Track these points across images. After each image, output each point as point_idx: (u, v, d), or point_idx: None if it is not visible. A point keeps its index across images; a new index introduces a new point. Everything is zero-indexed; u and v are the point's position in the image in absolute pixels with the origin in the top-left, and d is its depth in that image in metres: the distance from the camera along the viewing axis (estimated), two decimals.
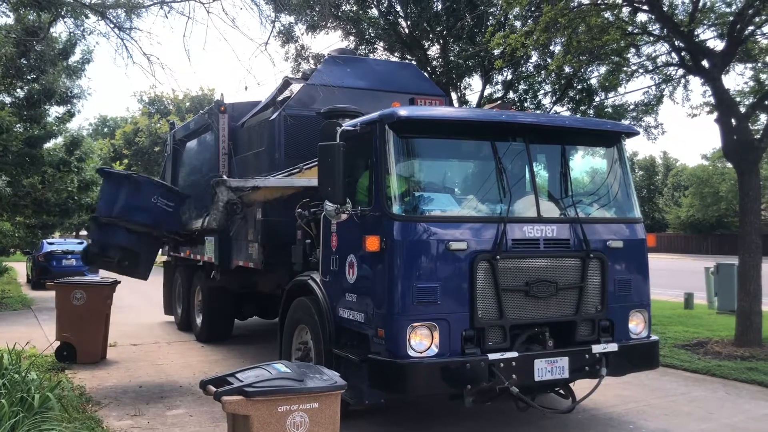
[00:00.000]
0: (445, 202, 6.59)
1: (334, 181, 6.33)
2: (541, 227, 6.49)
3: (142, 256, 9.35)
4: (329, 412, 4.54)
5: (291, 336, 7.75)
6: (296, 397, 4.40)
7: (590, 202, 7.01)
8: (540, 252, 6.48)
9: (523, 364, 6.21)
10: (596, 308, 6.69)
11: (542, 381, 6.36)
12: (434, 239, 6.12)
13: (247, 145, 10.04)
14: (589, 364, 6.53)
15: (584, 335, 6.64)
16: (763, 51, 12.40)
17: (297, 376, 4.54)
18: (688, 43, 11.59)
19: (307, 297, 7.43)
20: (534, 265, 6.43)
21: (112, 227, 9.03)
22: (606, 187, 7.17)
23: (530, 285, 6.35)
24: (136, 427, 7.06)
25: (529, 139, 6.70)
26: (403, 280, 6.02)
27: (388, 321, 6.05)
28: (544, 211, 6.58)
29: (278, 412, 4.34)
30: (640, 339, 6.96)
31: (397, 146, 6.36)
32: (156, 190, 9.34)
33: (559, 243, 6.57)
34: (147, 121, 43.46)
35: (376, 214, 6.24)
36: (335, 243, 6.99)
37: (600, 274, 6.70)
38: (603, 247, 6.74)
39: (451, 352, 6.09)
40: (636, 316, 6.97)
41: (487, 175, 6.64)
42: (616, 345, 6.67)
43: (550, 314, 6.49)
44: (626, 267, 6.93)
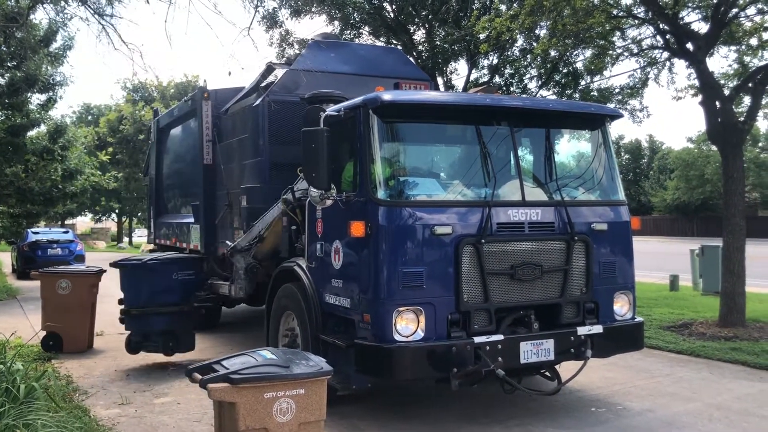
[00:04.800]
0: (430, 187, 6.60)
1: (318, 166, 6.32)
2: (526, 211, 6.51)
3: (181, 331, 9.42)
4: (316, 398, 4.55)
5: (278, 323, 7.76)
6: (282, 383, 4.41)
7: (575, 185, 7.03)
8: (525, 235, 6.50)
9: (508, 346, 6.25)
10: (581, 290, 6.73)
11: (528, 363, 6.40)
12: (419, 224, 6.13)
13: (232, 131, 9.99)
14: (575, 346, 6.58)
15: (569, 317, 6.68)
16: (746, 33, 12.39)
17: (283, 362, 4.55)
18: (673, 26, 11.61)
19: (293, 283, 7.43)
20: (519, 248, 6.46)
21: (145, 316, 9.16)
22: (590, 170, 7.20)
23: (515, 268, 6.37)
24: (123, 416, 7.05)
25: (513, 123, 6.71)
26: (388, 265, 6.03)
27: (374, 306, 6.06)
28: (528, 195, 6.60)
29: (264, 399, 4.35)
30: (624, 321, 7.02)
31: (382, 131, 6.35)
32: (174, 267, 9.42)
33: (543, 226, 6.59)
34: (131, 108, 43.22)
35: (361, 200, 6.24)
36: (320, 229, 6.99)
37: (585, 256, 6.74)
38: (587, 230, 6.77)
39: (437, 336, 6.11)
40: (621, 298, 7.02)
41: (471, 159, 6.66)
42: (601, 327, 6.72)
43: (535, 297, 6.52)
44: (611, 249, 6.97)
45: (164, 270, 9.32)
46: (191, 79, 46.09)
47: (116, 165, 43.24)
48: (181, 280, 9.33)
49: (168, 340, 9.21)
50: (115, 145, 42.90)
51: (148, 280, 9.21)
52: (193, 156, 11.03)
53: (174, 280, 9.27)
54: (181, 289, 9.33)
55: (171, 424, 6.78)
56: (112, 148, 42.15)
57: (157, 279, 9.21)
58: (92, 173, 28.58)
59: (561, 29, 12.09)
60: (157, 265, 9.34)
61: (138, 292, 9.20)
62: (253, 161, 9.08)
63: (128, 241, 56.82)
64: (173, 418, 6.99)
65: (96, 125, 46.97)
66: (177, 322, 9.31)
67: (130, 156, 43.46)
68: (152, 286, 9.17)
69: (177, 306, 9.26)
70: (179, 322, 9.34)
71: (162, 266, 9.35)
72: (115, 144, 42.96)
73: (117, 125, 43.24)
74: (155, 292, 9.15)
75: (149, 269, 9.28)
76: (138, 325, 9.25)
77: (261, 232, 8.47)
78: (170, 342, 9.22)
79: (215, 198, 10.40)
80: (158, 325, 9.19)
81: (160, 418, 6.96)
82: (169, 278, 9.25)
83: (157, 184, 13.48)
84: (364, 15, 19.97)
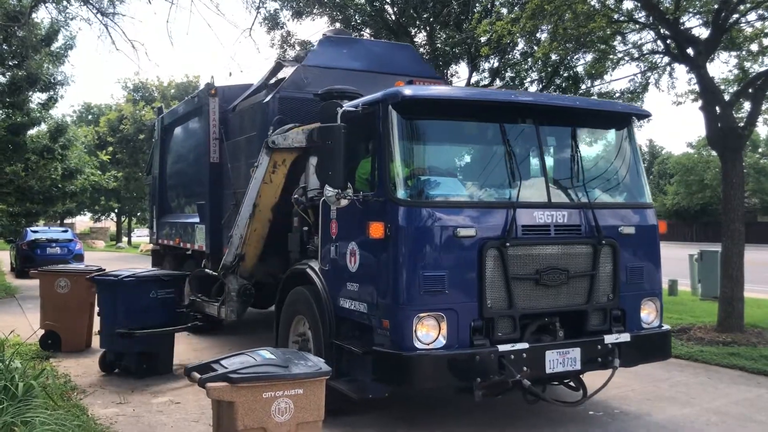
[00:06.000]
0: (451, 187, 6.18)
1: (335, 164, 5.90)
2: (552, 213, 6.10)
3: (161, 354, 8.63)
4: (314, 398, 4.46)
5: (288, 327, 7.33)
6: (281, 383, 4.34)
7: (601, 186, 6.61)
8: (551, 239, 6.09)
9: (534, 355, 5.83)
10: (608, 297, 6.32)
11: (553, 373, 6.00)
12: (441, 225, 5.71)
13: (239, 129, 9.55)
14: (602, 355, 6.16)
15: (596, 325, 6.28)
16: (747, 39, 12.25)
17: (282, 362, 4.48)
18: (674, 31, 11.43)
19: (305, 286, 7.01)
20: (544, 252, 6.05)
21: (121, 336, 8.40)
22: (617, 171, 6.78)
23: (541, 273, 5.96)
24: (121, 415, 6.85)
25: (538, 121, 6.29)
26: (408, 269, 5.62)
27: (394, 311, 5.64)
28: (554, 196, 6.19)
29: (263, 399, 4.27)
30: (652, 328, 6.61)
31: (402, 127, 5.93)
32: (153, 284, 8.59)
33: (570, 229, 6.18)
34: (132, 108, 42.72)
35: (380, 200, 5.82)
36: (335, 230, 6.56)
37: (612, 261, 6.33)
38: (615, 234, 6.36)
39: (459, 344, 5.69)
40: (648, 304, 6.61)
41: (495, 158, 6.23)
42: (629, 335, 6.31)
43: (560, 303, 6.11)
44: (638, 254, 6.56)
45: (141, 288, 8.49)
46: (192, 80, 45.55)
47: (116, 165, 42.87)
48: (160, 299, 8.55)
49: (143, 362, 8.43)
50: (115, 144, 42.45)
51: (124, 297, 8.43)
52: (198, 154, 10.58)
53: (152, 299, 8.48)
54: (160, 308, 8.54)
55: (169, 424, 6.60)
56: (112, 148, 41.77)
57: (134, 297, 8.42)
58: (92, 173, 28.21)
59: (562, 33, 11.92)
60: (133, 282, 8.49)
61: (114, 310, 8.46)
62: None
63: (127, 240, 56.27)
64: (171, 417, 6.81)
65: (96, 125, 46.48)
66: (156, 344, 8.53)
67: (130, 156, 43.00)
68: (129, 305, 8.40)
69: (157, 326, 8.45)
70: (158, 344, 8.55)
71: (138, 284, 8.51)
72: (115, 144, 42.50)
73: (117, 125, 42.75)
74: (132, 311, 8.38)
75: (125, 286, 8.46)
76: (113, 344, 8.55)
77: (237, 249, 8.05)
78: (144, 364, 8.43)
79: (222, 197, 9.96)
80: (135, 347, 8.41)
81: (157, 418, 6.79)
82: (147, 297, 8.45)
83: (160, 183, 13.00)
84: (365, 17, 19.64)
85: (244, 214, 7.99)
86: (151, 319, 8.44)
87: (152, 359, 8.53)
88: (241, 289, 8.27)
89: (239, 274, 8.32)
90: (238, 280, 8.30)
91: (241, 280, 8.26)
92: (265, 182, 7.77)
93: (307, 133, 7.54)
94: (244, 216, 8.00)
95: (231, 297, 8.33)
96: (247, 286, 8.49)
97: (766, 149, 56.50)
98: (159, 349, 8.58)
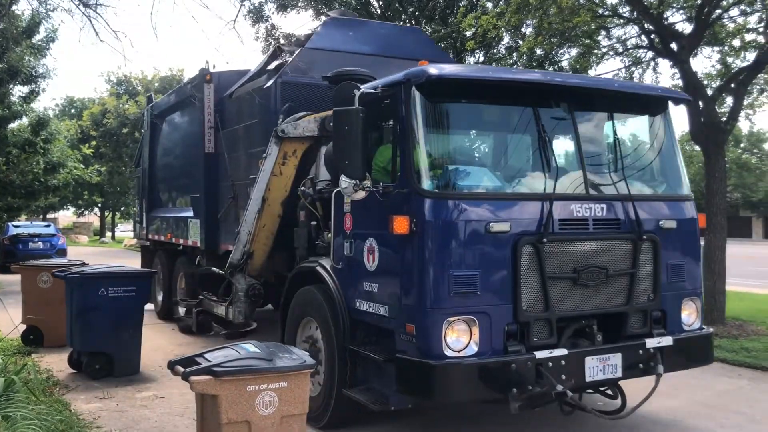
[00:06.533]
0: (481, 177, 5.56)
1: (353, 152, 5.28)
2: (590, 205, 5.51)
3: (119, 356, 7.96)
4: (298, 391, 4.41)
5: (295, 330, 6.70)
6: (265, 376, 4.29)
7: (639, 177, 6.02)
8: (589, 234, 5.50)
9: (573, 362, 5.25)
10: (648, 297, 5.74)
11: (593, 381, 5.43)
12: (472, 220, 5.10)
13: (237, 117, 8.88)
14: (643, 361, 5.59)
15: (636, 328, 5.69)
16: (729, 34, 12.41)
17: (266, 355, 4.42)
18: (657, 26, 11.52)
19: (315, 286, 6.39)
20: (582, 249, 5.45)
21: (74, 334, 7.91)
22: (655, 160, 6.21)
23: (578, 272, 5.37)
24: (104, 410, 6.68)
25: (574, 104, 5.69)
26: (437, 268, 5.01)
27: (420, 315, 5.03)
28: (592, 187, 5.61)
29: (247, 392, 4.23)
30: (693, 331, 6.05)
31: (427, 111, 5.31)
32: (102, 282, 7.86)
33: (609, 223, 5.59)
34: (115, 101, 41.73)
35: (404, 191, 5.19)
36: (350, 225, 5.94)
37: (652, 258, 5.74)
38: (655, 228, 5.78)
39: (493, 351, 5.09)
40: (688, 305, 6.04)
41: (527, 145, 5.64)
42: (671, 338, 5.76)
43: (599, 305, 5.52)
44: (679, 250, 5.98)
45: (87, 285, 7.84)
46: (176, 73, 44.58)
47: (99, 159, 41.93)
48: (111, 297, 7.84)
49: (96, 363, 7.86)
50: (99, 138, 41.44)
51: (76, 295, 7.88)
52: (192, 144, 9.91)
53: (101, 297, 7.78)
54: (111, 307, 7.82)
55: (153, 418, 6.45)
56: (96, 142, 40.80)
57: (81, 295, 7.83)
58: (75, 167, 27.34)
59: (547, 28, 12.01)
60: (77, 279, 7.88)
61: (69, 308, 7.99)
62: (262, 150, 8.00)
63: (111, 235, 55.26)
64: (155, 412, 6.66)
65: (79, 118, 45.42)
66: (110, 345, 7.87)
67: (114, 150, 42.03)
68: (78, 302, 7.83)
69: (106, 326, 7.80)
70: (113, 345, 7.88)
71: (83, 281, 7.87)
72: (98, 137, 41.48)
73: (100, 119, 41.72)
74: (81, 309, 7.81)
75: (70, 283, 7.91)
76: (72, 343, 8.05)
77: (245, 247, 7.41)
78: (97, 364, 7.85)
79: (218, 190, 9.30)
80: (85, 346, 7.90)
81: (141, 412, 6.64)
82: (95, 295, 7.77)
83: (150, 176, 12.28)
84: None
85: (252, 209, 7.36)
86: (99, 318, 7.78)
87: (110, 360, 7.91)
88: (250, 289, 7.59)
89: (247, 273, 7.65)
90: (246, 279, 7.63)
91: (250, 279, 7.58)
92: (275, 174, 7.15)
93: (319, 121, 6.92)
94: (253, 211, 7.36)
95: (239, 297, 7.66)
96: (256, 286, 7.86)
97: (748, 144, 56.47)
98: (114, 350, 7.91)
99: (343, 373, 5.87)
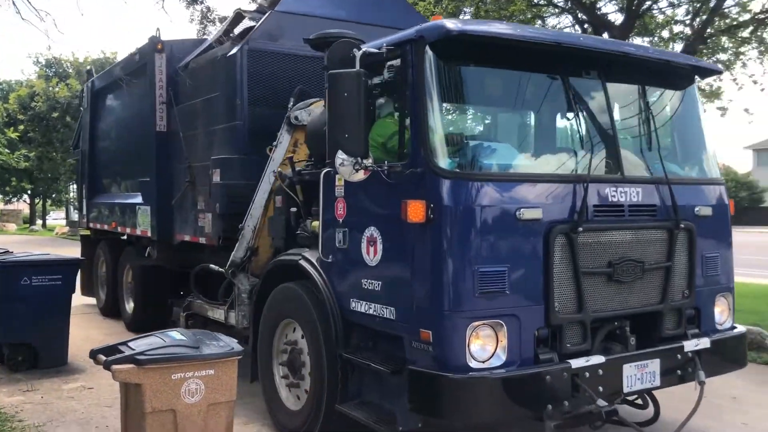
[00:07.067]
0: (508, 155, 4.69)
1: (354, 123, 4.36)
2: (626, 189, 4.74)
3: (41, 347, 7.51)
4: (226, 379, 4.29)
5: (271, 333, 5.73)
6: (191, 364, 4.18)
7: (672, 157, 5.30)
8: (625, 222, 4.74)
9: (610, 371, 4.49)
10: (683, 293, 5.01)
11: (631, 392, 4.69)
12: (501, 205, 4.26)
13: (194, 91, 7.76)
14: (681, 366, 4.85)
15: (670, 329, 4.97)
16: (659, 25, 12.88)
17: (192, 343, 4.30)
18: (590, 16, 11.77)
19: (298, 283, 5.44)
20: (618, 239, 4.68)
21: None
22: (686, 140, 5.49)
23: (614, 266, 4.60)
24: (28, 403, 6.36)
25: (605, 74, 4.89)
26: (460, 263, 4.15)
27: (439, 319, 4.16)
28: (627, 169, 4.84)
29: (172, 380, 4.12)
30: (725, 330, 5.36)
31: (445, 75, 4.44)
32: (23, 270, 7.40)
33: (645, 210, 4.84)
34: (44, 84, 39.36)
35: (417, 171, 4.30)
36: (342, 211, 5.00)
37: (688, 249, 5.03)
38: (691, 215, 5.05)
39: (522, 360, 4.28)
40: (721, 301, 5.33)
41: (558, 119, 4.82)
42: (708, 340, 5.05)
43: (634, 303, 4.76)
44: (713, 240, 5.26)
45: (9, 273, 7.38)
46: (109, 56, 42.30)
47: (27, 143, 39.66)
48: (35, 287, 7.38)
49: (19, 355, 7.42)
50: (27, 122, 39.12)
51: None
52: (141, 122, 8.73)
53: (24, 286, 7.33)
54: (35, 297, 7.37)
55: (80, 410, 6.21)
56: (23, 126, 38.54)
57: (2, 284, 7.34)
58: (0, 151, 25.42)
59: (483, 15, 12.11)
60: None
61: None
62: (227, 126, 6.95)
63: (41, 223, 52.59)
64: (83, 403, 6.40)
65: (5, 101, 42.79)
66: (34, 336, 7.43)
67: (43, 134, 39.69)
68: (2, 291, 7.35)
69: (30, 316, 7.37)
70: (39, 336, 7.45)
71: (5, 269, 7.41)
72: (26, 121, 39.16)
73: (28, 102, 39.31)
74: (2, 298, 7.34)
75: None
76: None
77: (249, 242, 6.41)
78: (20, 356, 7.41)
79: (171, 173, 8.17)
80: (7, 337, 7.45)
81: (68, 404, 6.37)
82: (17, 284, 7.32)
83: (91, 158, 10.96)
84: None
85: (258, 202, 6.33)
86: (22, 308, 7.38)
87: (33, 352, 7.51)
88: (254, 289, 6.45)
89: (250, 272, 6.57)
90: (250, 279, 6.53)
91: (254, 279, 6.47)
92: (284, 165, 6.16)
93: None
94: (259, 204, 6.33)
95: (242, 299, 6.52)
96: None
97: None
98: (38, 341, 7.50)
99: (335, 385, 4.96)
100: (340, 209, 5.01)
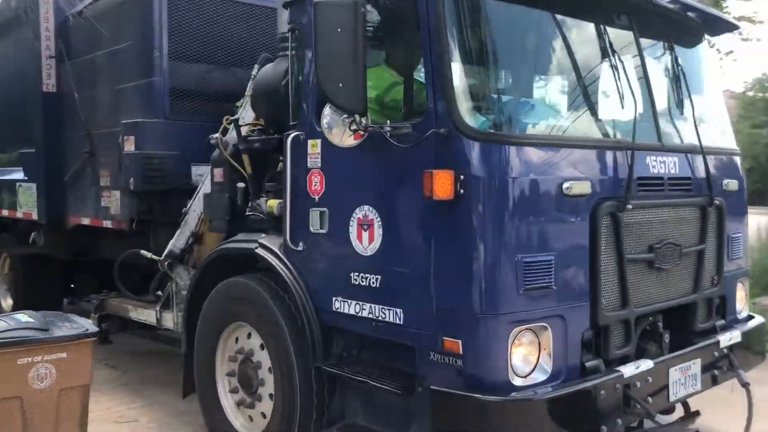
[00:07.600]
0: (544, 113, 3.77)
1: (350, 70, 3.28)
2: (665, 159, 3.94)
3: None
4: (80, 362, 4.03)
5: (214, 340, 4.54)
6: (40, 347, 3.88)
7: (702, 124, 4.54)
8: (664, 198, 3.94)
9: (658, 378, 3.69)
10: (713, 280, 4.31)
11: (677, 400, 3.92)
12: (543, 177, 3.33)
13: (93, 42, 6.26)
14: (716, 365, 4.15)
15: (702, 321, 4.26)
16: None
17: (42, 325, 4.00)
18: None
19: (251, 276, 4.30)
20: (659, 218, 3.88)
21: None
22: (710, 104, 4.75)
23: (655, 250, 3.80)
24: None
25: (637, 23, 4.03)
26: (499, 251, 3.19)
27: (473, 324, 3.19)
28: (664, 136, 4.03)
29: (18, 366, 3.82)
30: (745, 320, 4.72)
31: (465, 11, 3.44)
32: None
33: (682, 183, 4.07)
34: None
35: (440, 132, 3.27)
36: (320, 186, 3.89)
37: (717, 228, 4.32)
38: (719, 190, 4.35)
39: (568, 372, 3.39)
40: (740, 287, 4.71)
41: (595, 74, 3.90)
42: (739, 333, 4.37)
43: (672, 294, 4.00)
44: (736, 218, 4.60)
45: None
46: None
47: None
48: None
49: None
50: None
51: None
52: (22, 82, 7.08)
53: None
54: None
55: None
56: None
57: None
58: None
59: None
60: None
61: None
62: (141, 84, 5.60)
63: None
64: None
65: None
66: None
67: None
68: None
69: None
70: None
71: None
72: None
73: None
74: None
75: None
76: None
77: (194, 227, 5.12)
78: None
79: (63, 143, 6.63)
80: None
81: None
82: None
83: None
84: None
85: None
86: None
87: None
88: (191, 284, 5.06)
89: (191, 264, 5.21)
90: (191, 273, 5.17)
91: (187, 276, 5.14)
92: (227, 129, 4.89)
93: None
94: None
95: (182, 297, 5.12)
96: None
97: None
98: None
99: (309, 404, 3.89)
100: (316, 184, 3.91)
